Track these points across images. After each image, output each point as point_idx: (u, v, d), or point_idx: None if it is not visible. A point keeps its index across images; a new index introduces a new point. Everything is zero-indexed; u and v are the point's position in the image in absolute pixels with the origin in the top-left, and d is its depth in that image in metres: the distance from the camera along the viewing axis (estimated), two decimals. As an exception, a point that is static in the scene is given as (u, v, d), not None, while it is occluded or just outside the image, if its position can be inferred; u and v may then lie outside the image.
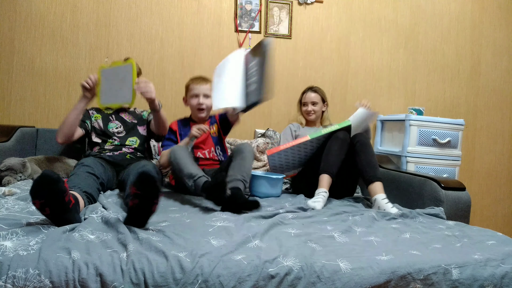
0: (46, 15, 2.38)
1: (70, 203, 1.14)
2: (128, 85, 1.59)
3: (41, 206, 1.09)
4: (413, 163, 2.31)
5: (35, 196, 1.07)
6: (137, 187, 1.13)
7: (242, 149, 1.79)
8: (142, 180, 1.13)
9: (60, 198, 1.09)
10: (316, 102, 2.32)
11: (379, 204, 1.68)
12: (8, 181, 1.73)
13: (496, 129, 2.99)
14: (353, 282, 0.98)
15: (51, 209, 1.10)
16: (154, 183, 1.14)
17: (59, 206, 1.10)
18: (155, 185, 1.15)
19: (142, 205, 1.16)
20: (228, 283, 0.93)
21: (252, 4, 2.60)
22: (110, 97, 1.65)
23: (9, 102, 2.35)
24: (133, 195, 1.15)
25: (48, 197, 1.07)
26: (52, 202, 1.09)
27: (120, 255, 0.95)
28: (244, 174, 1.70)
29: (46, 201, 1.08)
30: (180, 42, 2.54)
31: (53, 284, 0.86)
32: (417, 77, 2.87)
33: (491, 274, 1.06)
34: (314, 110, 2.32)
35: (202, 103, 2.00)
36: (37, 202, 1.08)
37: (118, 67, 1.65)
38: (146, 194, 1.14)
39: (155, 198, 1.17)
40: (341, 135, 1.84)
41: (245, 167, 1.73)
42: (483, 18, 2.94)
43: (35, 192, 1.06)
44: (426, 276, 1.03)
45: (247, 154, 1.78)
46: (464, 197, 1.70)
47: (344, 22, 2.75)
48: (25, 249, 0.92)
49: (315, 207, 1.63)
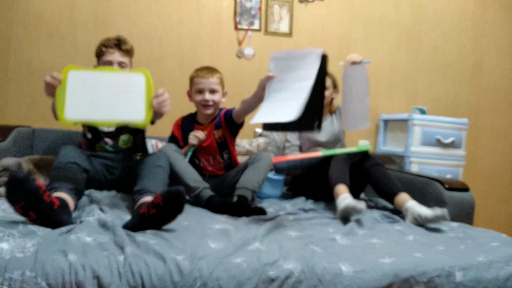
0: (44, 13, 2.36)
1: (53, 204, 1.12)
2: (139, 99, 1.28)
3: (23, 211, 1.08)
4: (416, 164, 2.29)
5: (12, 201, 1.07)
6: (164, 201, 1.14)
7: (260, 158, 1.72)
8: (173, 197, 1.14)
9: (37, 197, 1.08)
10: (326, 87, 2.04)
11: (414, 210, 1.47)
12: (4, 181, 1.72)
13: (499, 128, 2.97)
14: (355, 285, 0.97)
15: (34, 211, 1.09)
16: (181, 205, 1.16)
17: (40, 207, 1.09)
18: (181, 207, 1.17)
19: (157, 218, 1.17)
20: (227, 286, 0.92)
21: (252, 1, 2.57)
22: (92, 111, 1.26)
23: (5, 101, 2.33)
24: (155, 205, 1.15)
25: (25, 198, 1.06)
26: (31, 203, 1.07)
27: (117, 258, 0.94)
28: (255, 184, 1.62)
29: (25, 203, 1.07)
30: (179, 41, 2.52)
31: (50, 286, 0.86)
32: (418, 76, 2.85)
33: (495, 276, 1.05)
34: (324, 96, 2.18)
35: (208, 99, 1.80)
36: (17, 206, 1.07)
37: (111, 74, 1.37)
38: (168, 211, 1.16)
39: (172, 218, 1.19)
40: (341, 157, 1.74)
41: (259, 176, 1.65)
42: (485, 16, 2.92)
43: (11, 198, 1.06)
44: (429, 279, 1.02)
45: (264, 163, 1.70)
46: (467, 198, 1.69)
47: (345, 21, 2.73)
48: (21, 251, 0.91)
49: (361, 207, 1.43)
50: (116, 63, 1.73)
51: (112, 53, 1.72)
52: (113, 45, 1.73)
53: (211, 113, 1.86)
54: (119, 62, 1.73)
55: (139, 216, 1.18)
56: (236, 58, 2.59)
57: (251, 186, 1.61)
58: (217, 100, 1.84)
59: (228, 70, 2.57)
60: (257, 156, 1.74)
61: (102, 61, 1.75)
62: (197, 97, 1.83)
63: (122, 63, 1.74)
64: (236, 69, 2.59)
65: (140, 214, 1.18)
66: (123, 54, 1.74)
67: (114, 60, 1.72)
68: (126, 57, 1.76)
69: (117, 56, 1.73)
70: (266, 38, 2.62)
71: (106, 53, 1.73)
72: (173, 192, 1.14)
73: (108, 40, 1.75)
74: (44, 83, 1.34)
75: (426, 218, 1.41)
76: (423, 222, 1.42)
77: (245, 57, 2.60)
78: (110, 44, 1.73)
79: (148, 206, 1.16)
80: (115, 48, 1.73)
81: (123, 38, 1.77)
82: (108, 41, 1.74)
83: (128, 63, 1.78)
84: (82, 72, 1.28)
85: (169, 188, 1.16)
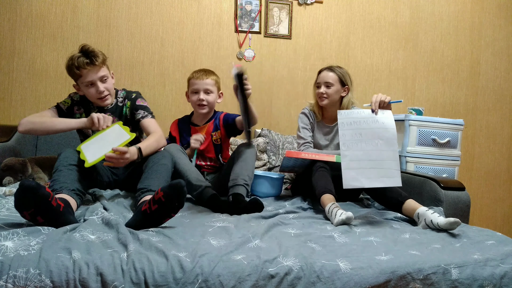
0: (47, 15, 2.38)
1: (59, 206, 1.14)
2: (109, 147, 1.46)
3: (32, 217, 1.09)
4: (412, 163, 2.31)
5: (21, 209, 1.07)
6: (165, 195, 1.15)
7: (243, 150, 1.74)
8: (174, 189, 1.15)
9: (47, 203, 1.09)
10: (331, 83, 1.92)
11: (426, 216, 1.41)
12: (9, 181, 1.73)
13: (495, 129, 2.99)
14: (353, 282, 0.98)
15: (42, 216, 1.09)
16: (182, 198, 1.17)
17: (49, 212, 1.10)
18: (182, 199, 1.18)
19: (159, 213, 1.18)
20: (228, 283, 0.93)
21: (252, 4, 2.60)
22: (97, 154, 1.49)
23: (9, 102, 2.35)
24: (156, 200, 1.16)
25: (35, 206, 1.07)
26: (40, 210, 1.08)
27: (120, 255, 0.95)
28: (246, 178, 1.64)
29: (35, 210, 1.07)
30: (180, 42, 2.54)
31: (54, 284, 0.87)
32: (416, 77, 2.87)
33: (490, 274, 1.07)
34: (327, 94, 1.92)
35: (203, 99, 1.87)
36: (26, 213, 1.08)
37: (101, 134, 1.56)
38: (169, 205, 1.16)
39: (173, 212, 1.20)
40: (320, 165, 1.72)
41: (247, 169, 1.67)
42: (483, 18, 2.95)
43: (20, 205, 1.07)
44: (426, 276, 1.03)
45: (249, 155, 1.72)
46: (463, 197, 1.71)
47: (343, 23, 2.76)
48: (25, 249, 0.92)
49: (347, 217, 1.36)
50: (98, 80, 1.67)
51: (88, 71, 1.64)
52: (84, 64, 1.62)
53: (206, 113, 1.93)
54: (99, 78, 1.67)
55: (141, 214, 1.19)
56: (236, 60, 2.62)
57: (242, 181, 1.63)
58: (212, 100, 1.91)
59: (229, 72, 2.60)
60: (239, 150, 1.75)
61: (82, 82, 1.67)
62: (193, 97, 1.91)
63: (103, 77, 1.68)
64: (236, 70, 2.61)
65: (142, 211, 1.19)
66: (98, 68, 1.66)
67: (95, 78, 1.66)
68: (103, 68, 1.68)
69: (95, 74, 1.65)
70: (266, 40, 2.64)
71: (83, 74, 1.64)
72: (174, 184, 1.16)
73: (77, 59, 1.63)
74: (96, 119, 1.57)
75: (438, 225, 1.37)
76: (436, 228, 1.38)
77: (245, 59, 2.62)
78: (82, 64, 1.62)
79: (149, 203, 1.18)
80: (89, 66, 1.63)
81: (90, 50, 1.64)
82: (78, 60, 1.62)
83: (107, 73, 1.71)
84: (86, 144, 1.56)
85: (170, 183, 1.18)
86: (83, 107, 1.79)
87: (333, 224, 1.39)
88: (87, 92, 1.70)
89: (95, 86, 1.68)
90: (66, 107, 1.75)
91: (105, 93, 1.71)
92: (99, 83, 1.68)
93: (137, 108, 1.78)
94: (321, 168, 1.70)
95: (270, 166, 2.43)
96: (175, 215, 1.23)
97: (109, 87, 1.72)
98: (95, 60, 1.64)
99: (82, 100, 1.79)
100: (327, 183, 1.63)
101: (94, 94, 1.70)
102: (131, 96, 1.82)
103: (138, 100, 1.81)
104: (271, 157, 2.44)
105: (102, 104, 1.74)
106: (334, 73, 1.94)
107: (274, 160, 2.43)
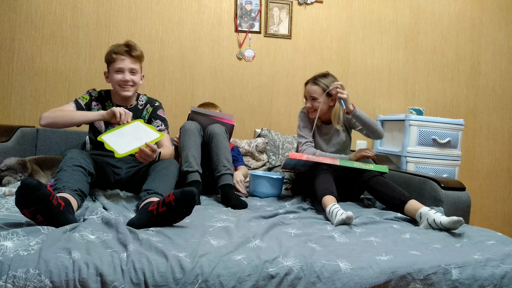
0: (46, 15, 2.38)
1: (59, 205, 1.14)
2: (137, 143, 1.52)
3: (32, 215, 1.09)
4: (413, 163, 2.31)
5: (22, 206, 1.07)
6: (176, 200, 1.16)
7: (212, 135, 1.79)
8: (186, 197, 1.16)
9: (47, 202, 1.09)
10: (315, 98, 1.90)
11: (429, 216, 1.42)
12: (8, 181, 1.73)
13: (495, 129, 2.99)
14: (353, 282, 0.98)
15: (42, 215, 1.10)
16: (191, 207, 1.19)
17: (49, 210, 1.10)
18: (190, 208, 1.20)
19: (165, 217, 1.19)
20: (228, 283, 0.93)
21: (252, 4, 2.60)
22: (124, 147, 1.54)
23: (9, 102, 2.35)
24: (166, 203, 1.17)
25: (35, 204, 1.07)
26: (40, 208, 1.08)
27: (120, 255, 0.95)
28: (226, 163, 1.73)
29: (35, 208, 1.08)
30: (180, 42, 2.54)
31: (54, 284, 0.86)
32: (417, 77, 2.87)
33: (491, 274, 1.07)
34: (313, 107, 1.91)
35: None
36: (26, 211, 1.08)
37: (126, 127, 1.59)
38: (178, 211, 1.18)
39: (180, 219, 1.22)
40: (323, 167, 1.73)
41: (224, 154, 1.75)
42: (483, 18, 2.94)
43: (20, 203, 1.07)
44: (426, 276, 1.03)
45: (218, 138, 1.78)
46: (464, 197, 1.71)
47: (344, 22, 2.75)
48: (25, 249, 0.92)
49: (348, 216, 1.37)
50: (127, 70, 1.74)
51: (123, 60, 1.73)
52: (123, 51, 1.73)
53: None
54: (130, 69, 1.75)
55: (147, 213, 1.19)
56: (236, 60, 2.61)
57: (226, 169, 1.72)
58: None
59: (229, 71, 2.60)
60: (209, 135, 1.81)
61: (113, 67, 1.75)
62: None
63: (133, 70, 1.75)
64: (237, 70, 2.62)
65: (148, 211, 1.19)
66: (133, 60, 1.75)
67: (125, 67, 1.74)
68: (136, 63, 1.77)
69: (128, 63, 1.74)
70: (266, 40, 2.64)
71: (117, 60, 1.73)
72: (187, 191, 1.17)
73: (118, 47, 1.75)
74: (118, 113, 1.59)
75: (441, 224, 1.36)
76: (439, 227, 1.38)
77: (245, 58, 2.62)
78: (121, 51, 1.73)
79: (158, 204, 1.18)
80: (125, 54, 1.73)
81: (133, 44, 1.77)
82: (118, 48, 1.74)
83: (138, 69, 1.78)
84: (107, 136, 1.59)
85: (183, 189, 1.18)
86: (100, 103, 1.84)
87: (333, 224, 1.39)
88: (113, 77, 1.75)
89: (123, 74, 1.74)
90: (84, 103, 1.79)
91: (129, 83, 1.76)
92: (127, 73, 1.75)
93: (157, 117, 1.86)
94: (324, 171, 1.72)
95: (270, 166, 2.42)
96: (180, 221, 1.23)
97: (135, 80, 1.77)
98: (132, 51, 1.74)
99: (100, 96, 1.85)
100: (329, 185, 1.64)
101: (118, 80, 1.75)
102: (154, 103, 1.89)
103: (160, 110, 1.88)
104: (271, 157, 2.44)
105: (121, 92, 1.77)
106: (318, 86, 1.89)
107: (274, 160, 2.43)
